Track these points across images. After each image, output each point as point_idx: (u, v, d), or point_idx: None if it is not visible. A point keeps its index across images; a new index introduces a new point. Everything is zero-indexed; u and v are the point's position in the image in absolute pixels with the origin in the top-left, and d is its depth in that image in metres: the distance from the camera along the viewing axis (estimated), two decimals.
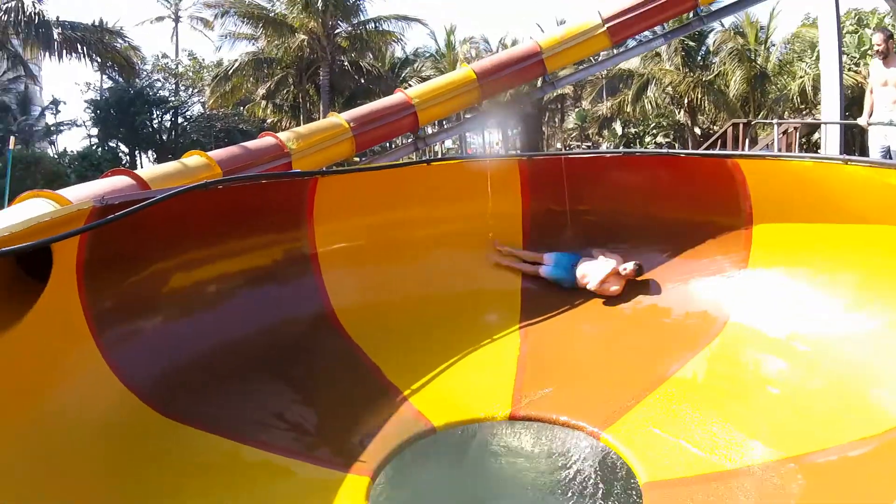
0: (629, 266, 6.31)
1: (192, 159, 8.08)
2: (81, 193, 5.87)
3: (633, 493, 4.40)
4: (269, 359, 5.72)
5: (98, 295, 4.99)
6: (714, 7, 12.43)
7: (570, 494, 4.70)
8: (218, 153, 8.38)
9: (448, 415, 5.14)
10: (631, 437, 4.69)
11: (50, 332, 4.56)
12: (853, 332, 5.12)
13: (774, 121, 13.80)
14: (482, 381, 5.55)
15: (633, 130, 40.44)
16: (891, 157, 8.33)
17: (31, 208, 5.24)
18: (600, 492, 4.61)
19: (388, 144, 15.41)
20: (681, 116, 38.44)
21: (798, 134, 14.94)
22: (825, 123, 13.25)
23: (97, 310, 4.97)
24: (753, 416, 4.75)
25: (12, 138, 13.57)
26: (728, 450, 4.41)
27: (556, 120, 50.55)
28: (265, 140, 9.44)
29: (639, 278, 6.41)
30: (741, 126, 14.83)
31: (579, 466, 4.87)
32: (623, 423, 4.84)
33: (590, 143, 48.21)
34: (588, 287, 6.38)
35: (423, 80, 30.68)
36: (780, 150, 13.15)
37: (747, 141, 14.60)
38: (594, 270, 6.38)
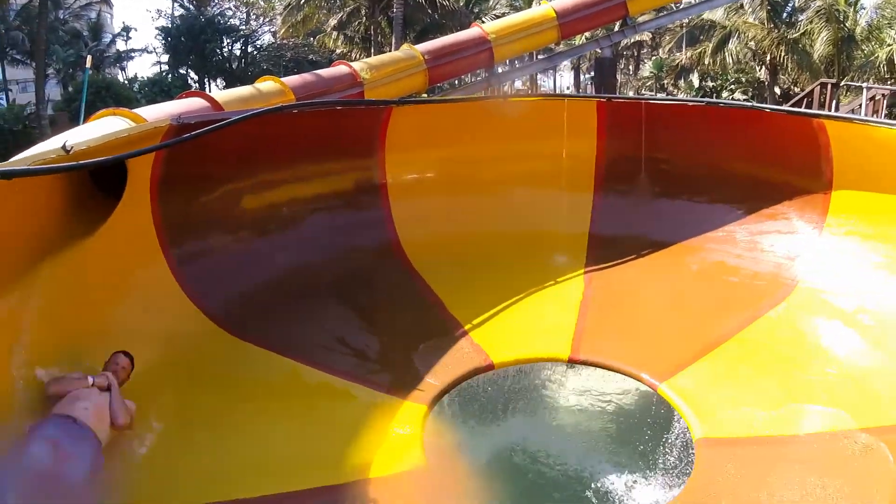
0: (121, 368, 4.14)
1: (266, 84, 8.10)
2: (157, 112, 5.96)
3: (687, 446, 4.35)
4: (336, 285, 5.82)
5: (170, 212, 5.13)
6: None
7: (623, 442, 4.70)
8: (291, 79, 8.39)
9: (508, 352, 5.16)
10: (688, 393, 4.63)
11: (121, 246, 4.71)
12: None
13: (864, 84, 12.97)
14: (544, 322, 5.54)
15: (710, 84, 38.79)
16: None
17: (108, 125, 5.34)
18: (654, 442, 4.57)
19: (457, 81, 15.15)
20: (761, 74, 36.69)
21: (885, 102, 14.06)
22: None
23: (169, 227, 5.12)
24: (812, 385, 4.63)
25: (89, 57, 13.86)
26: (783, 416, 4.33)
27: (631, 68, 48.87)
28: (339, 69, 9.39)
29: (711, 233, 6.23)
30: (829, 87, 14.00)
31: (635, 416, 4.86)
32: (682, 377, 4.78)
33: (665, 93, 46.61)
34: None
35: (498, 17, 29.88)
36: (866, 111, 12.41)
37: (833, 104, 13.80)
38: (101, 413, 3.96)
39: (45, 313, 3.95)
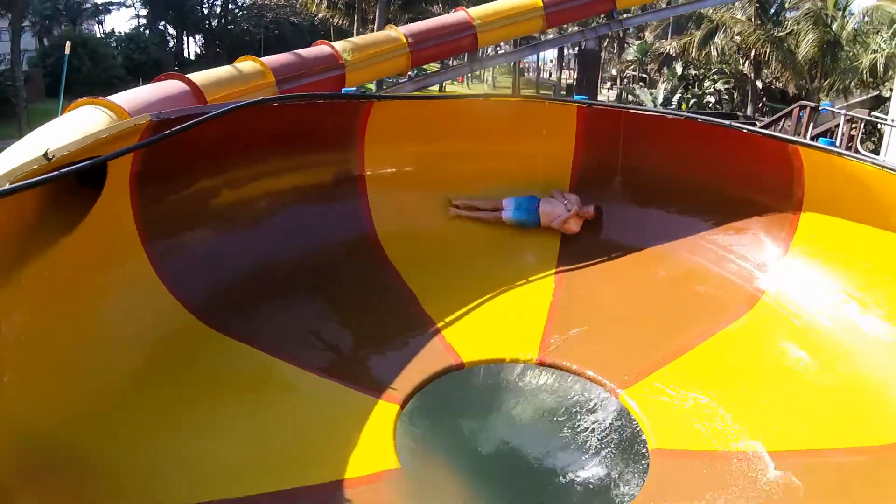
0: (590, 208, 6.63)
1: (246, 65, 8.04)
2: (136, 102, 5.89)
3: (642, 455, 4.55)
4: (312, 278, 5.89)
5: (150, 207, 5.13)
6: None
7: (582, 445, 4.87)
8: (271, 60, 8.32)
9: (477, 352, 5.31)
10: (647, 402, 4.83)
11: (102, 242, 4.72)
12: (881, 340, 5.09)
13: (842, 112, 13.14)
14: (514, 323, 5.68)
15: (693, 73, 39.13)
16: None
17: (87, 119, 5.30)
18: (611, 448, 4.77)
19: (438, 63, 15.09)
20: (745, 67, 37.14)
21: (862, 125, 14.26)
22: (891, 125, 12.61)
23: (148, 221, 5.12)
24: (766, 402, 4.84)
25: (68, 43, 13.54)
26: (736, 432, 4.53)
27: (615, 47, 48.90)
28: (320, 49, 9.34)
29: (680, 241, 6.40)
30: (808, 110, 14.20)
31: (595, 421, 5.01)
32: (642, 386, 4.98)
33: (645, 77, 46.77)
34: (553, 226, 6.65)
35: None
36: (843, 135, 12.61)
37: (811, 126, 13.97)
38: (558, 210, 6.63)
39: (30, 320, 3.97)
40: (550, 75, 68.22)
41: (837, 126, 13.33)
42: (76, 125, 4.99)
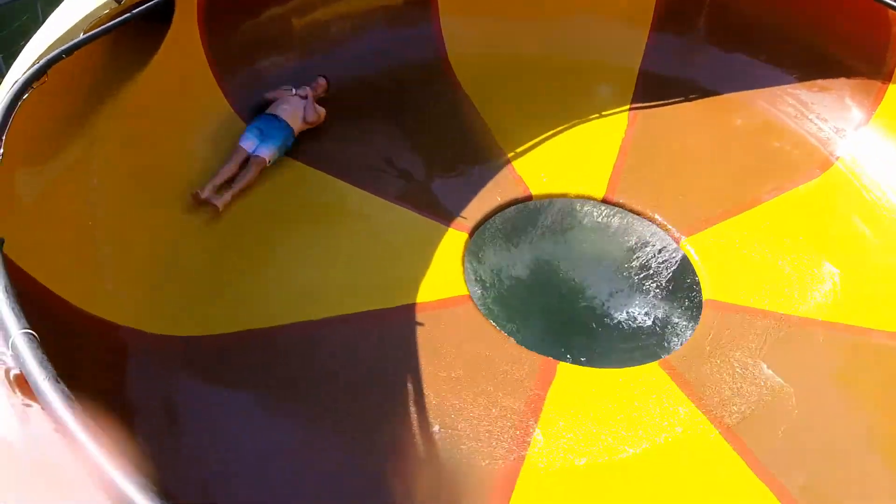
0: (318, 82, 5.65)
1: None
2: None
3: (696, 303, 4.78)
4: (384, 102, 5.89)
5: (218, 37, 5.09)
6: None
7: (639, 286, 5.16)
8: None
9: (546, 185, 5.41)
10: (708, 252, 4.97)
11: (176, 78, 4.76)
12: None
13: None
14: (584, 158, 5.71)
15: None
16: None
17: None
18: (666, 292, 5.03)
19: None
20: None
21: None
22: None
23: (219, 55, 5.11)
24: (825, 272, 4.90)
25: None
26: (791, 296, 4.68)
27: None
28: None
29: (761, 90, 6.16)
30: None
31: (655, 264, 5.24)
32: (706, 235, 5.09)
33: None
34: (308, 123, 5.46)
35: None
36: None
37: None
38: (297, 106, 5.42)
39: (112, 156, 4.13)
40: None
41: None
42: None
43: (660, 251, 5.24)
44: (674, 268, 5.11)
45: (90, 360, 3.41)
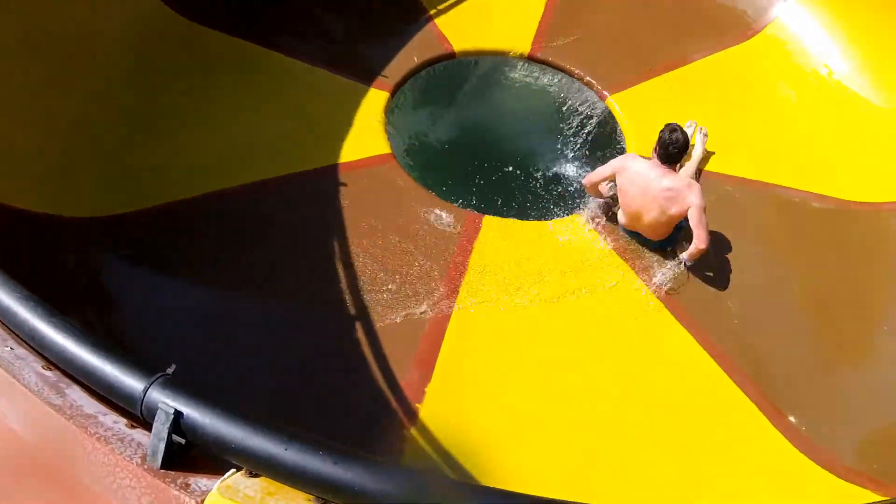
0: None
1: None
2: None
3: (618, 153, 4.76)
4: None
5: None
6: None
7: (564, 140, 5.12)
8: None
9: (469, 41, 5.24)
10: (633, 108, 4.96)
11: None
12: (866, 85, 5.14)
13: None
14: (508, 13, 5.51)
15: None
16: None
17: None
18: (591, 147, 5.01)
19: None
20: None
21: None
22: None
23: None
24: (748, 133, 4.93)
25: None
26: (717, 154, 4.70)
27: None
28: None
29: None
30: None
31: (580, 119, 5.19)
32: (632, 92, 5.06)
33: None
34: None
35: None
36: None
37: None
38: None
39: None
40: None
41: None
42: None
43: (585, 107, 5.19)
44: (599, 123, 5.10)
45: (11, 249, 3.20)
